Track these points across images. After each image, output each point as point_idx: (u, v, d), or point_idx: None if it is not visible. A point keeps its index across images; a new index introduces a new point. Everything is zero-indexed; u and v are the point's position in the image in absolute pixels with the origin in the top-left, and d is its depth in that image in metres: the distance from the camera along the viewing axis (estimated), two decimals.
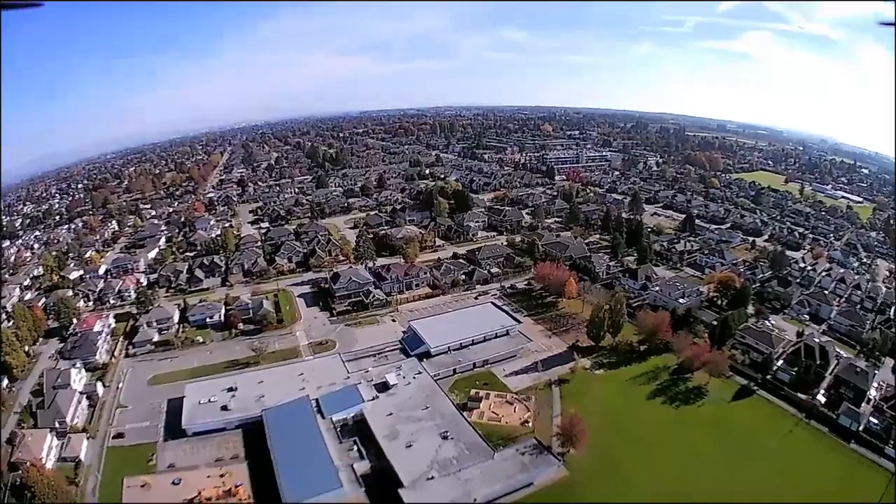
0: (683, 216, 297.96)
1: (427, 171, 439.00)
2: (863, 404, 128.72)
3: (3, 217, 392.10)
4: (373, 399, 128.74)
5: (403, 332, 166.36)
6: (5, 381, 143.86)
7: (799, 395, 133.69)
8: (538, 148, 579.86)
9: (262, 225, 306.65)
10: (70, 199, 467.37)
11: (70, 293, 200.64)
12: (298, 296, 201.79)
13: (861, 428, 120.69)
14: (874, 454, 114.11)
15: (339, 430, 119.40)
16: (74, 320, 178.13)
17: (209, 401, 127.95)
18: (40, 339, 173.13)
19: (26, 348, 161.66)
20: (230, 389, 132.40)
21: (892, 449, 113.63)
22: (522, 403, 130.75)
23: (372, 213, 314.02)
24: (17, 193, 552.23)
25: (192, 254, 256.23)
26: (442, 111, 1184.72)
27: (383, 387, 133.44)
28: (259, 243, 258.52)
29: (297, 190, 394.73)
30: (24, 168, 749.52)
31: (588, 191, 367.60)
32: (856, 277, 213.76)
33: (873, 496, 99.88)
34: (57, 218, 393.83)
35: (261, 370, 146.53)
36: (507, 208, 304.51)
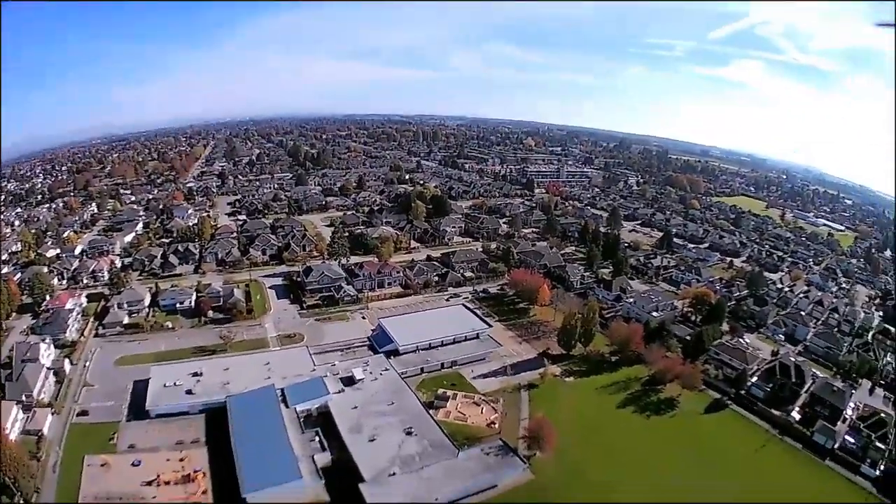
0: (661, 234, 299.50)
1: (407, 177, 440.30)
2: (839, 423, 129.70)
3: None
4: (339, 392, 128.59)
5: (372, 329, 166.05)
6: None
7: (773, 411, 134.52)
8: (519, 161, 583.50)
9: (240, 217, 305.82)
10: (53, 179, 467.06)
11: (45, 270, 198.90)
12: (270, 287, 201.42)
13: (836, 446, 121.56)
14: (849, 472, 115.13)
15: (302, 420, 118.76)
16: (48, 297, 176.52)
17: (174, 384, 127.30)
18: (13, 314, 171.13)
19: None
20: (195, 374, 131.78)
21: (868, 467, 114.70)
22: (490, 405, 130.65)
23: (349, 212, 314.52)
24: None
25: (167, 240, 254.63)
26: (426, 119, 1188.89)
27: (349, 381, 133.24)
28: (235, 234, 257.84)
29: (276, 186, 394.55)
30: (10, 150, 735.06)
31: (567, 204, 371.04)
32: (834, 301, 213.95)
33: None
34: (39, 197, 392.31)
35: (227, 357, 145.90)
36: (485, 216, 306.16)
